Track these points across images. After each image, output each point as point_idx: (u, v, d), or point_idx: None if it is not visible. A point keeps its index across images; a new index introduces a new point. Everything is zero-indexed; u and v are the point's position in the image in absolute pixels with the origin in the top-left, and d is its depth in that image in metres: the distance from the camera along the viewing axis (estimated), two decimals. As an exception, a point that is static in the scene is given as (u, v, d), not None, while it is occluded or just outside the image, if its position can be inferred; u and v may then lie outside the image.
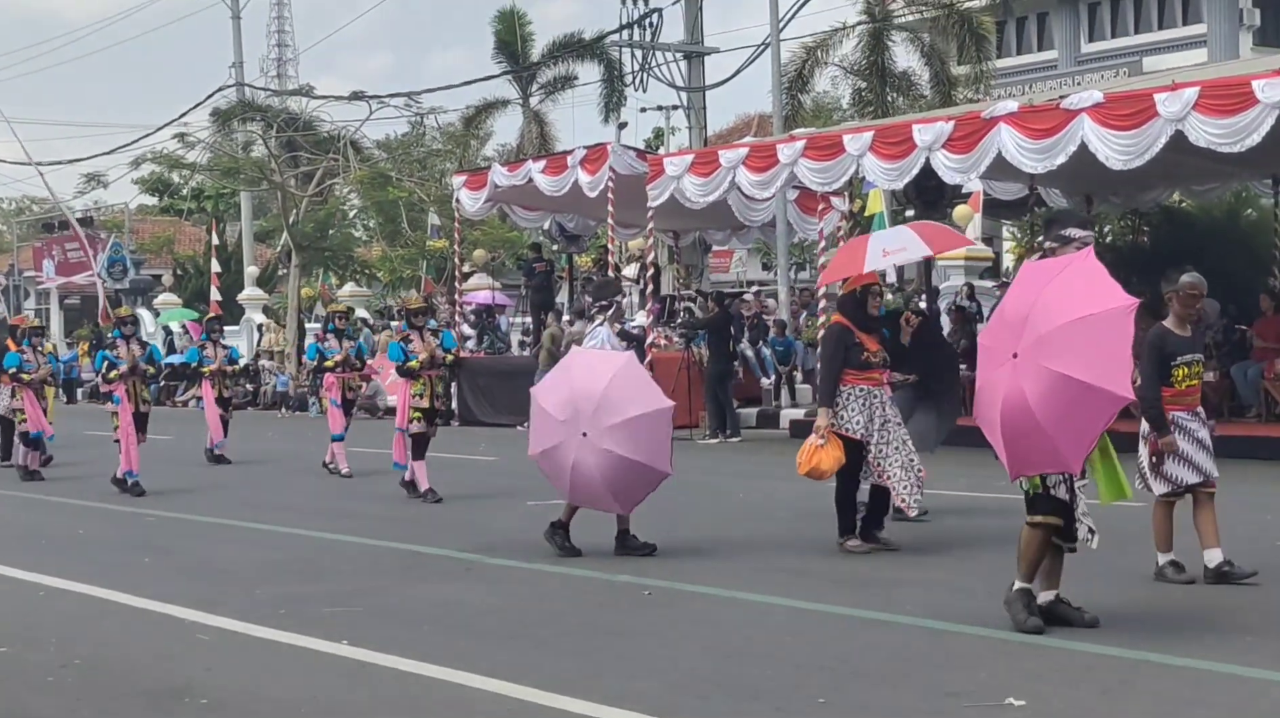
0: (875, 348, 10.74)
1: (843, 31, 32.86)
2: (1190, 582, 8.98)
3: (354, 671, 7.58)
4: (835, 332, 10.92)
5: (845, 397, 10.61)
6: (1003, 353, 7.55)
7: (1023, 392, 7.35)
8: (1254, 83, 15.46)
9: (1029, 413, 7.33)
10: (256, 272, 43.76)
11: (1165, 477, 9.02)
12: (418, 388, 14.97)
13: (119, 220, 55.87)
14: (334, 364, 18.19)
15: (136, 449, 16.24)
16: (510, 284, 39.19)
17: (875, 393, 10.69)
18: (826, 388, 10.74)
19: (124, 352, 16.69)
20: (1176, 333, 9.12)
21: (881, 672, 7.18)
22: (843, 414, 10.60)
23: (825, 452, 10.56)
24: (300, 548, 12.09)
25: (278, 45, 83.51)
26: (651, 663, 7.52)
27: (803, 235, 27.95)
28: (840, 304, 11.24)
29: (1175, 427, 8.98)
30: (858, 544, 10.73)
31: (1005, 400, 7.45)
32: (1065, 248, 7.99)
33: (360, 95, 38.85)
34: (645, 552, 10.81)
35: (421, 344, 15.07)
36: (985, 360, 7.81)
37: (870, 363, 10.67)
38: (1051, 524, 7.84)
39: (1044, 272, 7.72)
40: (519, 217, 29.45)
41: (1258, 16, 43.36)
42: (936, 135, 18.00)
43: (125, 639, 8.62)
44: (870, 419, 10.59)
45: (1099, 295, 7.37)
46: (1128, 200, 22.72)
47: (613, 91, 39.37)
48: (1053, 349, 7.28)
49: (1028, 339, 7.39)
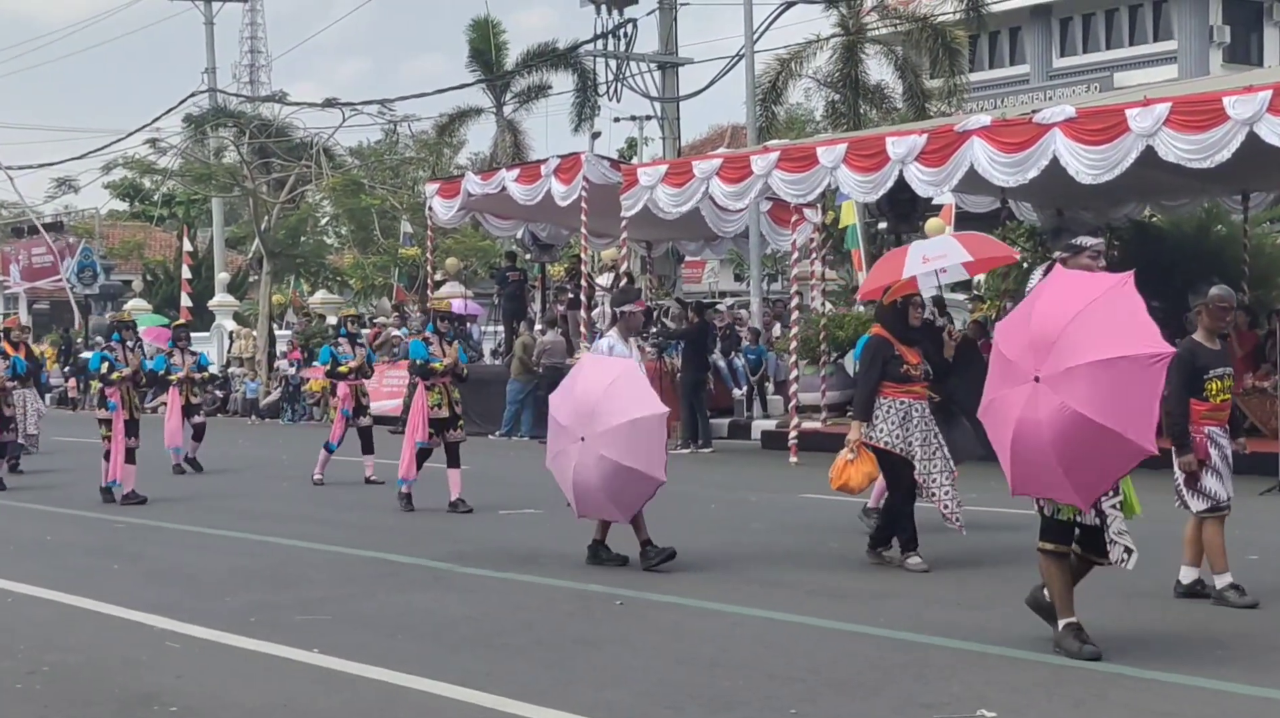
0: (916, 360, 10.45)
1: (817, 44, 32.95)
2: (1253, 605, 8.71)
3: (325, 678, 7.54)
4: (874, 344, 10.61)
5: (884, 409, 10.34)
6: (1024, 371, 7.21)
7: (1040, 423, 7.07)
8: (1224, 99, 15.55)
9: (1083, 420, 6.98)
10: (227, 278, 43.61)
11: (1202, 492, 8.80)
12: (435, 398, 14.53)
13: (89, 226, 55.62)
14: (349, 370, 17.77)
15: (124, 457, 15.76)
16: (482, 293, 39.15)
17: (915, 406, 10.41)
18: (863, 401, 10.49)
19: (122, 355, 16.10)
20: (1207, 346, 8.96)
21: (855, 683, 7.18)
22: (880, 428, 10.34)
23: (855, 467, 10.37)
24: (271, 555, 12.04)
25: (251, 51, 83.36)
26: (623, 673, 7.50)
27: (775, 247, 27.97)
28: (879, 315, 10.96)
29: (1211, 442, 8.81)
30: (918, 563, 10.33)
31: (1020, 424, 7.18)
32: (1077, 257, 7.83)
33: (333, 102, 38.80)
34: (666, 557, 10.63)
35: (442, 350, 14.71)
36: (1004, 372, 7.43)
37: (910, 376, 10.39)
38: (1060, 552, 7.66)
39: (1079, 289, 7.28)
40: (492, 225, 29.42)
41: (1228, 33, 43.72)
42: (910, 148, 18.05)
43: (94, 646, 8.56)
44: (908, 433, 10.32)
45: (1135, 337, 7.02)
46: (1099, 215, 22.79)
47: (586, 101, 39.39)
48: (1079, 387, 6.97)
49: (1053, 366, 7.06)
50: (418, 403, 14.61)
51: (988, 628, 8.33)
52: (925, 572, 10.19)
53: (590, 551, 10.95)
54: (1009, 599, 9.23)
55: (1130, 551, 7.62)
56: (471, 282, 41.45)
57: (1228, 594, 8.81)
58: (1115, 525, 7.62)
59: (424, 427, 14.49)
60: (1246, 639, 7.93)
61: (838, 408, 23.48)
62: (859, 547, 10.98)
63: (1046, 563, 7.71)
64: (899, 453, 10.34)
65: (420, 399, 14.58)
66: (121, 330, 16.57)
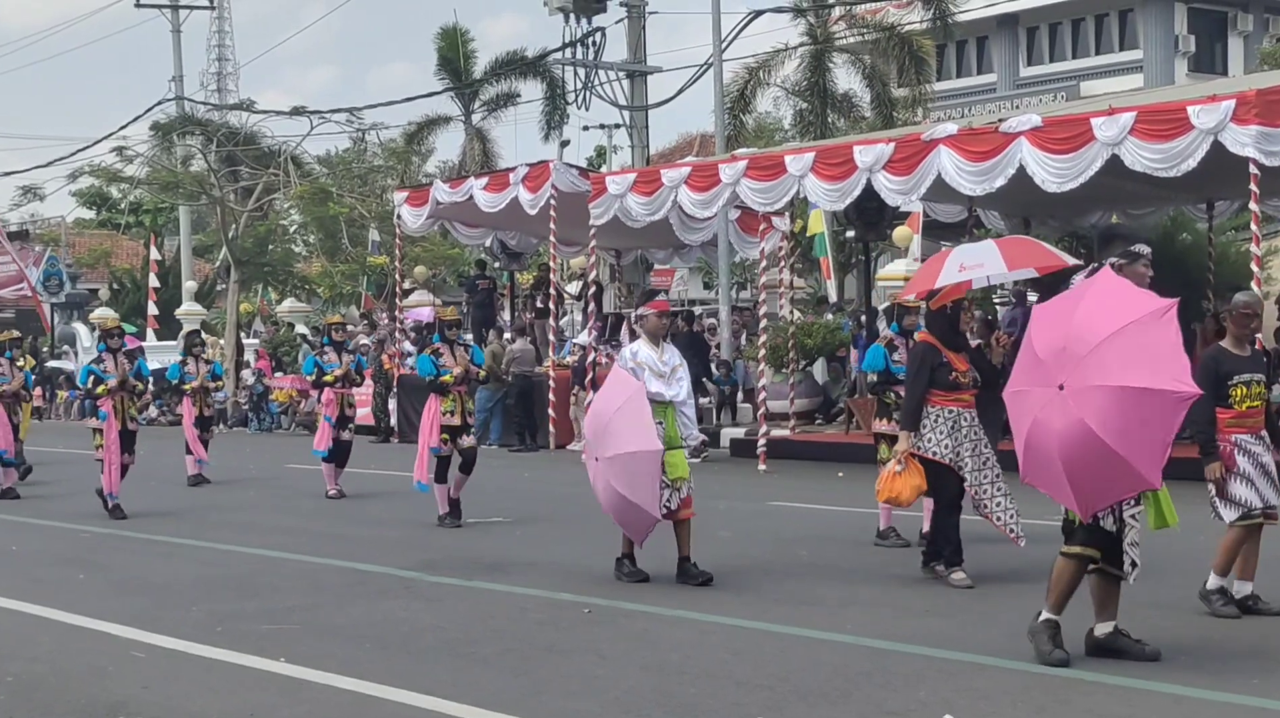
0: (964, 367, 10.10)
1: (785, 53, 33.01)
2: (1237, 616, 8.62)
3: (291, 688, 7.53)
4: (921, 350, 10.27)
5: (932, 418, 10.02)
6: (1051, 375, 7.14)
7: (1081, 420, 6.96)
8: (1189, 109, 15.65)
9: (1094, 439, 6.93)
10: (195, 286, 43.46)
11: (1232, 500, 8.63)
12: (448, 404, 14.18)
13: (55, 234, 55.34)
14: (334, 379, 17.42)
15: (119, 470, 15.37)
16: (451, 301, 39.05)
17: (965, 414, 10.08)
18: (911, 410, 10.12)
19: (111, 365, 15.63)
20: (1233, 352, 8.80)
21: (821, 690, 7.20)
22: (929, 437, 10.01)
23: (904, 479, 10.01)
24: (238, 565, 12.00)
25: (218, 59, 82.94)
26: (591, 681, 7.51)
27: (744, 255, 28.03)
28: (928, 321, 10.63)
29: (1238, 449, 8.64)
30: (962, 578, 9.97)
31: (1063, 436, 7.06)
32: (1134, 264, 7.77)
33: (301, 110, 38.72)
34: (702, 580, 10.27)
35: (454, 358, 14.33)
36: (1033, 367, 7.32)
37: (959, 383, 10.05)
38: (1087, 556, 7.56)
39: (1123, 304, 7.22)
40: (460, 233, 29.40)
41: (1193, 43, 44.03)
42: (877, 157, 18.11)
43: (60, 656, 8.52)
44: (958, 443, 9.99)
45: (1165, 370, 6.99)
46: (1065, 223, 22.94)
47: (555, 110, 39.40)
48: (1100, 366, 6.95)
49: (1080, 380, 7.00)
50: (431, 408, 14.32)
51: (954, 636, 8.37)
52: (969, 588, 9.83)
53: (616, 564, 10.71)
54: (976, 608, 9.30)
55: (1135, 564, 7.55)
56: (440, 290, 41.38)
57: (1213, 598, 8.76)
58: (1130, 536, 7.51)
59: (436, 432, 14.18)
60: (1212, 648, 7.97)
61: (806, 415, 23.60)
62: (827, 554, 11.03)
63: (1064, 564, 7.63)
64: (948, 464, 10.01)
65: (433, 404, 14.29)
66: (108, 339, 16.03)
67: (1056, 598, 7.62)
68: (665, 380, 10.53)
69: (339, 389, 17.46)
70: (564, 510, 15.02)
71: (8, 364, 18.12)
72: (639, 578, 10.47)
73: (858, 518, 13.05)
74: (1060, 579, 7.63)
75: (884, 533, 11.94)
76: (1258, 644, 8.01)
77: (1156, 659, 7.51)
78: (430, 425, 14.24)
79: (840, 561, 11.20)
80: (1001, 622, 8.76)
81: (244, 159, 39.05)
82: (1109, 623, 7.69)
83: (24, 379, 18.52)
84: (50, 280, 47.40)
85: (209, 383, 19.62)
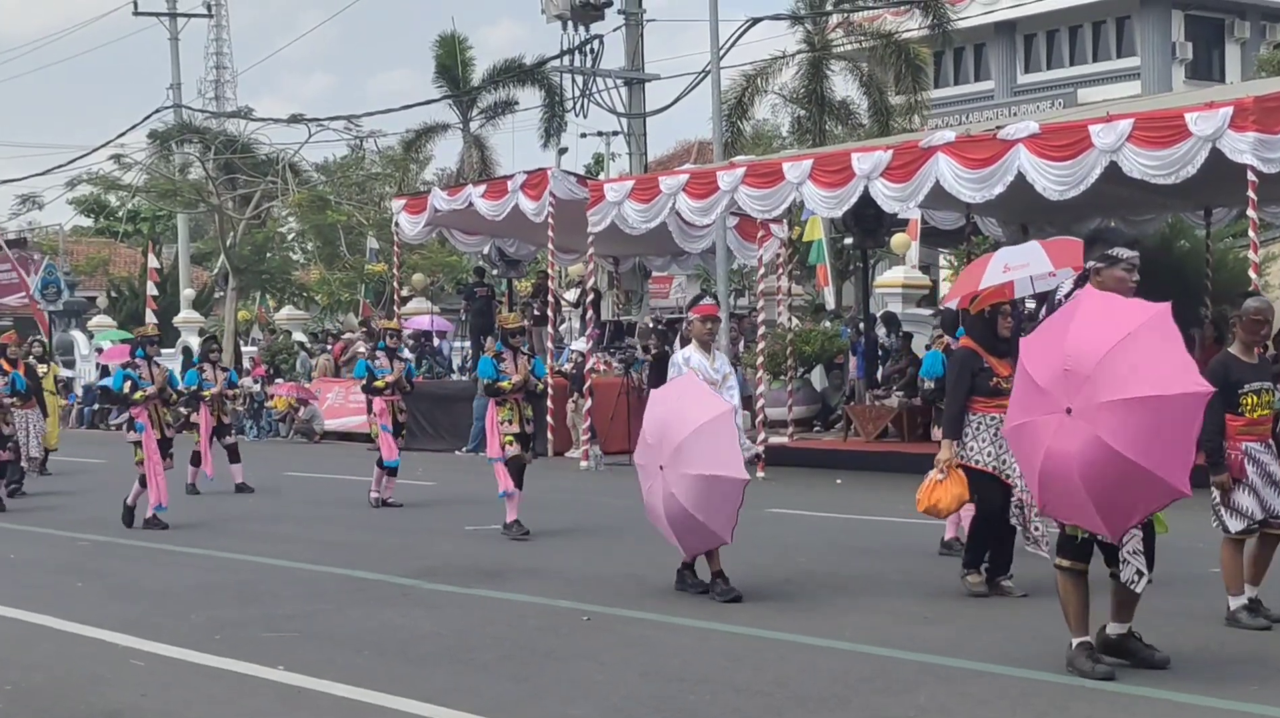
0: (1007, 373, 9.56)
1: (782, 60, 33.04)
2: (1267, 627, 8.49)
3: (290, 695, 7.52)
4: (961, 356, 10.02)
5: (974, 426, 9.76)
6: (1055, 401, 6.99)
7: (1098, 439, 6.83)
8: (1186, 115, 15.66)
9: (1115, 457, 6.81)
10: (193, 294, 43.46)
11: (1238, 510, 8.51)
12: (505, 413, 13.73)
13: (53, 242, 55.35)
14: (385, 385, 16.73)
15: (164, 479, 14.94)
16: (450, 309, 39.10)
17: None
18: (952, 418, 9.85)
19: (147, 372, 15.06)
20: (1242, 359, 8.71)
21: (820, 696, 7.20)
22: (971, 445, 9.75)
23: (945, 487, 9.79)
24: (236, 572, 11.99)
25: (216, 67, 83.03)
26: (589, 688, 7.51)
27: (742, 262, 28.03)
28: (968, 326, 10.29)
29: (1247, 458, 8.53)
30: (978, 582, 9.85)
31: (1082, 459, 6.91)
32: (1112, 268, 7.46)
33: (299, 118, 38.79)
34: (731, 597, 9.92)
35: (515, 366, 13.87)
36: (1034, 397, 7.19)
37: (1001, 389, 9.56)
38: (1079, 569, 7.44)
39: (1115, 318, 7.04)
40: (458, 241, 29.41)
41: (1190, 50, 44.07)
42: (875, 164, 18.12)
43: (57, 664, 8.51)
44: (1002, 450, 9.61)
45: (1173, 375, 6.83)
46: (1063, 230, 22.91)
47: (553, 117, 39.40)
48: (1108, 382, 6.79)
49: (1087, 400, 6.85)
50: (490, 418, 13.93)
51: (953, 642, 8.37)
52: (984, 595, 9.74)
53: (677, 575, 10.34)
54: (973, 614, 9.30)
55: (1142, 573, 7.39)
56: (438, 297, 41.41)
57: (1240, 616, 8.59)
58: (1131, 544, 7.37)
59: (496, 441, 13.72)
60: (1207, 654, 7.97)
61: (804, 423, 23.61)
62: (825, 562, 11.03)
63: (1062, 580, 7.52)
64: (991, 471, 9.74)
65: (492, 415, 13.91)
66: (145, 346, 15.41)
67: (1075, 619, 7.48)
68: (716, 388, 10.45)
69: (389, 397, 16.80)
70: (562, 517, 15.02)
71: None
72: (701, 590, 10.12)
73: (856, 525, 13.08)
74: (1067, 600, 7.50)
75: (949, 543, 11.61)
76: (1257, 651, 8.00)
77: (1165, 667, 7.44)
78: (494, 436, 13.81)
79: (839, 567, 11.20)
80: (1000, 628, 8.77)
81: (242, 167, 39.09)
82: (1123, 626, 7.60)
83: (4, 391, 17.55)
84: (48, 288, 47.35)
85: (226, 390, 19.10)
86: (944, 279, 34.84)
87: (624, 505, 13.38)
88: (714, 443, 9.74)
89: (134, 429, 14.97)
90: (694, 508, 9.71)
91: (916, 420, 21.37)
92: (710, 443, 9.72)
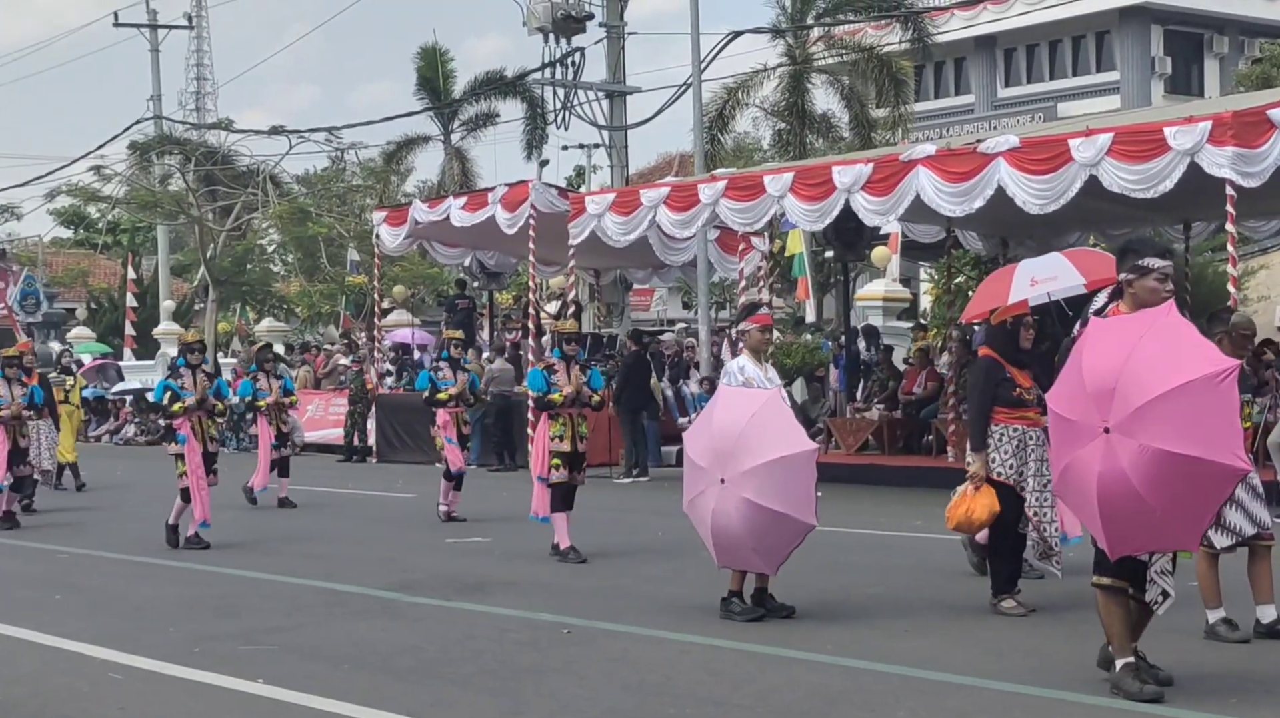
0: (1028, 384, 9.67)
1: (764, 73, 33.14)
2: (1245, 641, 8.45)
3: (270, 710, 7.50)
4: (984, 366, 9.90)
5: (996, 438, 9.64)
6: (1091, 427, 6.83)
7: (1124, 473, 6.69)
8: (1165, 130, 15.72)
9: (1135, 496, 6.69)
10: (173, 306, 43.35)
11: (1226, 527, 8.32)
12: (557, 429, 12.86)
13: (32, 253, 55.19)
14: (448, 397, 16.22)
15: (208, 494, 14.30)
16: (430, 320, 39.04)
17: (1030, 434, 9.61)
18: (977, 430, 9.70)
19: (189, 382, 14.30)
20: None
21: (800, 709, 7.20)
22: (993, 457, 9.61)
23: (977, 500, 9.56)
24: (217, 585, 11.95)
25: (197, 79, 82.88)
26: (570, 701, 7.50)
27: (723, 275, 28.07)
28: (989, 336, 10.22)
29: None
30: (1013, 606, 9.61)
31: (1102, 480, 6.78)
32: (1144, 279, 7.25)
33: (280, 130, 38.74)
34: (784, 614, 9.71)
35: (568, 377, 13.02)
36: (1068, 435, 7.04)
37: (1024, 400, 9.62)
38: (1119, 587, 7.23)
39: (1122, 334, 6.96)
40: (439, 253, 29.40)
41: (1169, 65, 44.28)
42: (856, 177, 18.16)
43: (36, 678, 8.48)
44: (1024, 463, 9.61)
45: (1194, 358, 6.72)
46: (1043, 244, 22.96)
47: (535, 129, 39.42)
48: (1153, 424, 6.63)
49: (1120, 413, 6.71)
50: (541, 434, 13.14)
51: (933, 655, 8.37)
52: (1023, 616, 9.49)
53: (722, 603, 9.84)
54: (954, 627, 9.31)
55: (1167, 594, 7.22)
56: (419, 309, 41.37)
57: (1219, 628, 8.56)
58: (1159, 563, 7.20)
59: (545, 461, 12.89)
60: (1188, 667, 7.93)
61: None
62: (805, 575, 11.00)
63: (1103, 600, 7.27)
64: (1010, 484, 9.62)
65: (542, 429, 13.09)
66: (187, 354, 14.61)
67: (1118, 640, 7.27)
68: None
69: (453, 408, 16.38)
70: (544, 531, 14.98)
71: (4, 385, 16.68)
72: (754, 617, 9.66)
73: (837, 538, 13.05)
74: (1109, 619, 7.28)
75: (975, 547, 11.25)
76: (1236, 665, 8.00)
77: (1167, 685, 7.30)
78: (541, 453, 13.01)
79: (818, 581, 11.19)
80: (980, 641, 8.79)
81: (222, 179, 39.04)
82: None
83: (22, 403, 16.72)
84: (27, 299, 47.18)
85: (282, 399, 18.45)
86: (924, 293, 34.94)
87: (605, 519, 13.38)
88: (772, 427, 9.41)
89: (175, 442, 14.31)
90: (772, 501, 9.29)
91: (897, 433, 21.41)
92: (767, 429, 9.37)
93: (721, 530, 9.49)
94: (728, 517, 9.40)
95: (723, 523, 9.45)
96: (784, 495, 9.32)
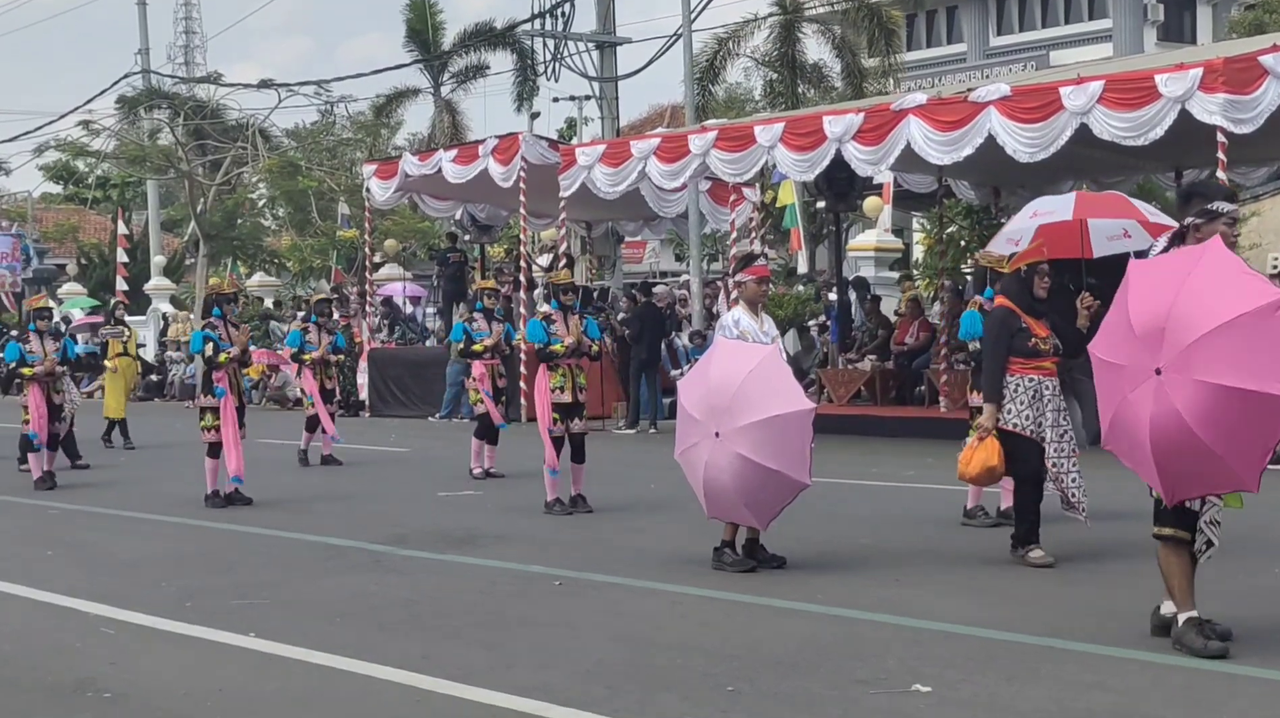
0: (1044, 333, 9.60)
1: (754, 23, 33.02)
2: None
3: (261, 663, 7.51)
4: (999, 316, 9.77)
5: (1012, 388, 9.54)
6: (1139, 370, 6.65)
7: (1177, 412, 6.49)
8: (1156, 77, 15.69)
9: (1189, 434, 6.49)
10: (163, 261, 43.25)
11: None
12: (556, 380, 12.80)
13: (22, 209, 55.00)
14: (484, 349, 15.80)
15: (241, 449, 13.88)
16: (422, 274, 38.99)
17: (1046, 383, 9.60)
18: (993, 380, 9.61)
19: (225, 332, 13.85)
20: None
21: (791, 660, 7.21)
22: (1009, 408, 9.52)
23: (978, 453, 9.54)
24: (208, 541, 11.96)
25: (186, 32, 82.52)
26: (561, 653, 7.51)
27: (715, 226, 28.02)
28: (1003, 286, 10.05)
29: None
30: (1040, 556, 9.47)
31: (1154, 422, 6.60)
32: (1212, 223, 7.03)
33: (269, 83, 38.55)
34: (775, 565, 9.69)
35: (566, 327, 13.02)
36: (1115, 381, 6.84)
37: (1040, 350, 9.56)
38: (1180, 538, 7.03)
39: (1168, 274, 6.75)
40: (429, 206, 29.32)
41: (1161, 12, 44.07)
42: (846, 127, 18.10)
43: (27, 633, 8.48)
44: (1039, 413, 9.54)
45: (1244, 292, 6.50)
46: (1035, 192, 22.94)
47: (525, 81, 39.29)
48: (1205, 360, 6.44)
49: (1170, 353, 6.51)
50: (540, 386, 12.96)
51: (922, 605, 8.39)
52: (1050, 566, 9.37)
53: (715, 553, 9.82)
54: (943, 577, 9.34)
55: (1212, 543, 7.02)
56: (410, 263, 41.31)
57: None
58: (1210, 513, 7.02)
59: (548, 412, 12.80)
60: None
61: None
62: (795, 525, 11.00)
63: (1165, 552, 7.10)
64: (1029, 435, 9.55)
65: (542, 380, 12.93)
66: (223, 305, 14.28)
67: (1180, 592, 7.08)
68: None
69: (488, 360, 15.95)
70: (534, 483, 14.99)
71: (36, 339, 16.17)
72: (746, 568, 9.62)
73: (828, 489, 13.06)
74: (1170, 572, 7.10)
75: (971, 512, 11.41)
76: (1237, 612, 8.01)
77: (1227, 639, 7.05)
78: (543, 405, 12.88)
79: (810, 532, 11.20)
80: (970, 591, 8.81)
81: (212, 133, 38.86)
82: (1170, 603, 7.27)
83: (55, 359, 16.12)
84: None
85: (330, 355, 17.83)
86: (917, 243, 34.88)
87: (595, 471, 13.37)
88: (770, 384, 9.34)
89: (213, 394, 13.87)
90: (766, 458, 9.22)
91: (889, 384, 21.42)
92: (765, 385, 9.30)
93: (713, 483, 9.46)
94: (720, 470, 9.36)
95: (715, 476, 9.42)
96: (779, 453, 9.26)
